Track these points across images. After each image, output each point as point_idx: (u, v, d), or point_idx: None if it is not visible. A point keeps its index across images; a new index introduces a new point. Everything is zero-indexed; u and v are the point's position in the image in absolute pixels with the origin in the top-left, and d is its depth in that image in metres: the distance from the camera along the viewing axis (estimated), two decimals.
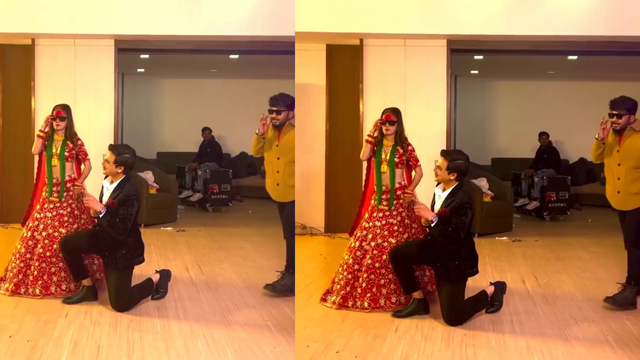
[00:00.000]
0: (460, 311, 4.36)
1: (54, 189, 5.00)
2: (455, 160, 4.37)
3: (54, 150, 5.02)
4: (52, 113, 5.05)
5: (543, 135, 9.88)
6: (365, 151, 4.89)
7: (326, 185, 7.52)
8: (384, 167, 4.82)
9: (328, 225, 7.48)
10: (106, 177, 4.72)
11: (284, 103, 5.02)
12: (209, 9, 7.00)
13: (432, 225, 4.33)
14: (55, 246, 4.86)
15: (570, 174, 9.65)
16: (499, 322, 4.46)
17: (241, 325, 4.37)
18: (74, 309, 4.59)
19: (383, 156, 4.82)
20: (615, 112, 4.84)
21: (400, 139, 4.84)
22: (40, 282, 4.82)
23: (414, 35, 7.04)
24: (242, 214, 8.96)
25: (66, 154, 5.01)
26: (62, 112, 5.05)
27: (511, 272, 5.80)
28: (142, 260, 4.72)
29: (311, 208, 7.45)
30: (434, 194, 4.50)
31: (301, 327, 4.35)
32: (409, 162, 4.85)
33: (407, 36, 7.10)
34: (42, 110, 7.19)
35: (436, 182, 4.51)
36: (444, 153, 4.46)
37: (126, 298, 4.60)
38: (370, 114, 7.19)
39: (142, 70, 11.09)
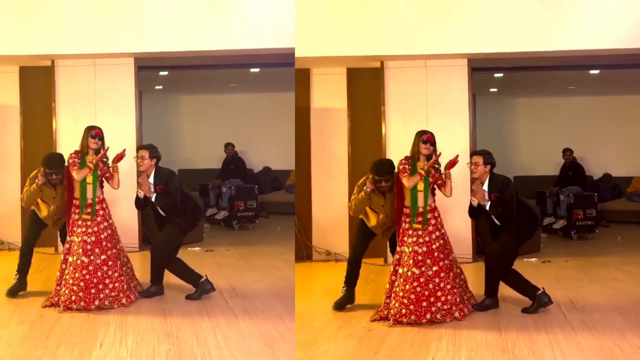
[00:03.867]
0: (504, 262, 5.20)
1: (87, 209, 5.20)
2: (487, 155, 5.14)
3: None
4: (90, 132, 5.29)
5: (567, 151, 9.71)
6: (414, 181, 4.98)
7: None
8: (421, 186, 4.96)
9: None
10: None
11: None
12: (226, 23, 6.98)
13: (488, 207, 5.07)
14: (84, 272, 5.11)
15: (595, 190, 9.46)
16: (540, 351, 4.28)
17: (286, 353, 4.22)
18: (108, 338, 4.48)
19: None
20: None
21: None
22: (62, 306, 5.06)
23: (434, 55, 6.95)
24: (270, 231, 8.78)
25: (99, 172, 5.26)
26: (100, 132, 5.33)
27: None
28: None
29: (335, 233, 7.31)
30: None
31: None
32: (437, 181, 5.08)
33: (427, 57, 7.01)
34: (63, 130, 7.25)
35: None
36: (475, 153, 5.24)
37: (167, 250, 5.46)
38: (393, 136, 7.11)
39: (161, 87, 11.05)
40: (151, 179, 5.34)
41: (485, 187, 5.07)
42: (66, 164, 5.32)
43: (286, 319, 4.87)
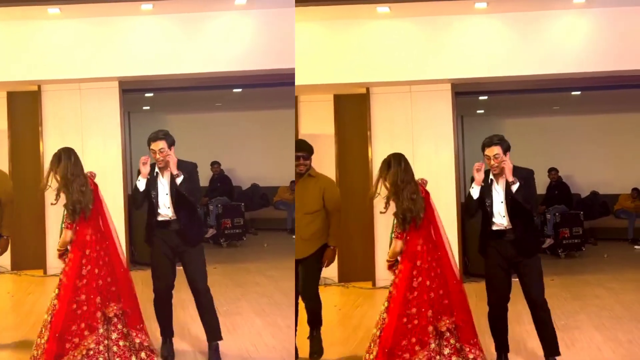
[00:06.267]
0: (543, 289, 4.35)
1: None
2: (503, 141, 4.25)
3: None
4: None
5: (552, 171, 9.91)
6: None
7: None
8: None
9: (342, 275, 7.41)
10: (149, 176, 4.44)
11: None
12: (207, 45, 7.16)
13: (515, 189, 4.14)
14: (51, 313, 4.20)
15: (582, 208, 9.63)
16: None
17: None
18: None
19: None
20: None
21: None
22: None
23: (418, 81, 7.16)
24: (257, 248, 8.87)
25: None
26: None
27: (528, 314, 5.70)
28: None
29: None
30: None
31: None
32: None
33: (412, 82, 7.22)
34: (50, 153, 7.11)
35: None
36: (490, 142, 4.24)
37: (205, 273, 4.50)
38: (379, 160, 7.20)
39: (148, 107, 11.07)
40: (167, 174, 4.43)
41: (502, 188, 4.25)
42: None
43: (265, 335, 4.96)
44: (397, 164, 4.18)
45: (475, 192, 4.28)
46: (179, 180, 4.35)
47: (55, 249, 4.81)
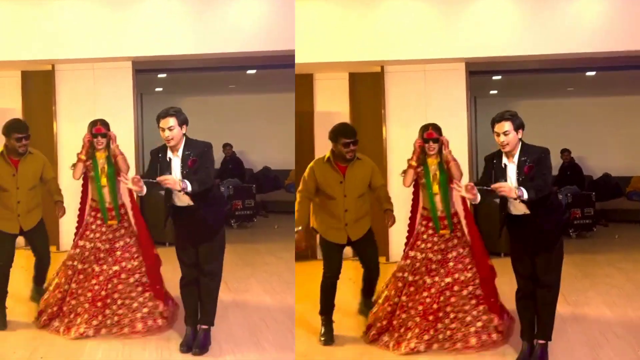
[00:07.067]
0: (559, 275, 4.06)
1: (109, 214, 4.71)
2: (515, 117, 3.99)
3: (100, 170, 4.70)
4: (92, 130, 4.70)
5: (565, 152, 9.92)
6: (407, 178, 4.56)
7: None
8: (435, 188, 4.50)
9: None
10: (157, 154, 4.28)
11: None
12: (222, 26, 7.16)
13: (524, 197, 3.81)
14: (86, 284, 4.61)
15: (594, 190, 9.65)
16: None
17: (270, 343, 4.43)
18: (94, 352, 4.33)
19: (432, 177, 4.52)
20: None
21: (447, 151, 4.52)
22: (66, 321, 4.59)
23: (432, 60, 7.19)
24: (268, 230, 8.95)
25: (119, 160, 4.67)
26: (103, 129, 4.70)
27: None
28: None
29: None
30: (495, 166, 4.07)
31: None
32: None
33: (426, 61, 7.25)
34: (63, 133, 7.40)
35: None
36: (500, 117, 3.98)
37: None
38: (393, 138, 7.34)
39: (161, 89, 11.17)
40: (181, 152, 4.21)
41: (516, 157, 3.98)
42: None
43: (274, 311, 5.05)
44: None
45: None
46: (187, 189, 4.04)
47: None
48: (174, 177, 4.06)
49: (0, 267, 4.79)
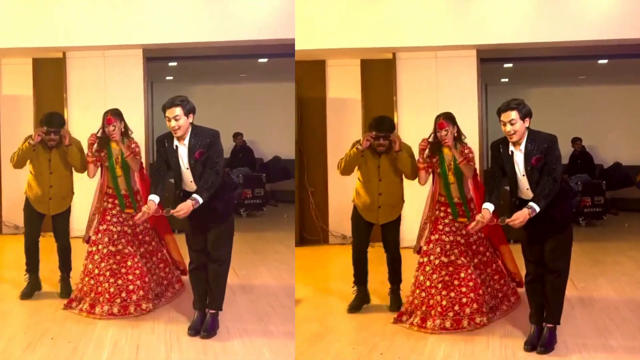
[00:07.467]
0: (568, 260, 4.06)
1: (126, 201, 4.83)
2: (521, 105, 3.95)
3: (114, 161, 4.79)
4: (103, 121, 4.76)
5: (577, 140, 9.92)
6: (420, 178, 4.68)
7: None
8: (451, 178, 4.59)
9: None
10: (162, 142, 4.24)
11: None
12: (234, 13, 7.18)
13: (537, 211, 3.84)
14: (129, 262, 4.71)
15: (605, 178, 9.65)
16: None
17: (277, 326, 4.48)
18: (104, 333, 4.38)
19: (446, 166, 4.59)
20: None
21: (461, 144, 4.62)
22: (118, 301, 4.63)
23: (444, 47, 7.20)
24: (277, 219, 8.97)
25: (129, 160, 4.75)
26: (113, 120, 4.74)
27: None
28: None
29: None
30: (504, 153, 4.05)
31: (347, 330, 4.56)
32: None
33: (438, 48, 7.26)
34: (74, 120, 7.46)
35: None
36: (506, 106, 3.95)
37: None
38: (405, 125, 7.37)
39: (171, 78, 11.17)
40: (187, 141, 4.15)
41: (523, 146, 3.96)
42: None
43: (281, 296, 5.11)
44: None
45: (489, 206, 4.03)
46: (200, 202, 4.06)
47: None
48: (186, 204, 4.05)
49: (31, 237, 5.15)
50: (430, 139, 4.62)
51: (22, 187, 5.17)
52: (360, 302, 4.98)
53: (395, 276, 5.02)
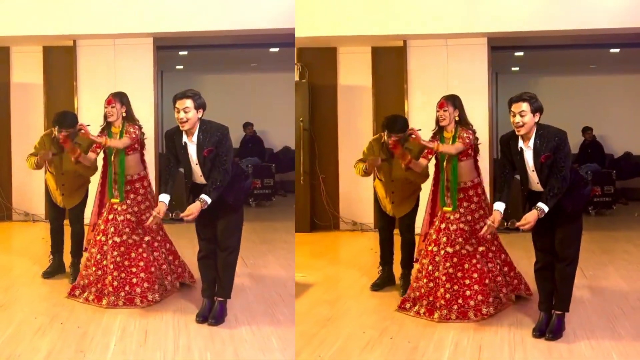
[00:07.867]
0: (578, 248, 4.06)
1: (126, 187, 4.72)
2: (533, 99, 3.93)
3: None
4: (105, 102, 4.73)
5: (587, 130, 9.87)
6: (414, 167, 4.63)
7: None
8: (447, 163, 4.51)
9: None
10: (172, 137, 4.21)
11: None
12: (245, 2, 7.15)
13: (547, 210, 3.86)
14: (133, 254, 4.66)
15: (615, 168, 9.62)
16: None
17: (284, 315, 4.50)
18: (112, 320, 4.40)
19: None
20: None
21: (462, 127, 4.51)
22: (123, 294, 4.59)
23: (455, 34, 7.19)
24: (286, 209, 8.98)
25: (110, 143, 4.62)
26: (112, 101, 4.69)
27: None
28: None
29: (360, 204, 7.62)
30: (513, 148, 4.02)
31: (358, 314, 4.59)
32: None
33: (449, 36, 7.26)
34: (84, 108, 7.50)
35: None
36: (518, 97, 3.94)
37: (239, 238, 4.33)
38: (415, 112, 7.37)
39: (181, 67, 11.11)
40: (195, 137, 4.13)
41: (532, 143, 3.93)
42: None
43: (290, 287, 5.13)
44: None
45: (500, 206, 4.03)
46: (209, 202, 4.08)
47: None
48: (195, 206, 4.07)
49: (55, 222, 5.34)
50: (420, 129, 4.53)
51: (32, 175, 5.37)
52: (383, 282, 5.14)
53: (407, 260, 5.07)
